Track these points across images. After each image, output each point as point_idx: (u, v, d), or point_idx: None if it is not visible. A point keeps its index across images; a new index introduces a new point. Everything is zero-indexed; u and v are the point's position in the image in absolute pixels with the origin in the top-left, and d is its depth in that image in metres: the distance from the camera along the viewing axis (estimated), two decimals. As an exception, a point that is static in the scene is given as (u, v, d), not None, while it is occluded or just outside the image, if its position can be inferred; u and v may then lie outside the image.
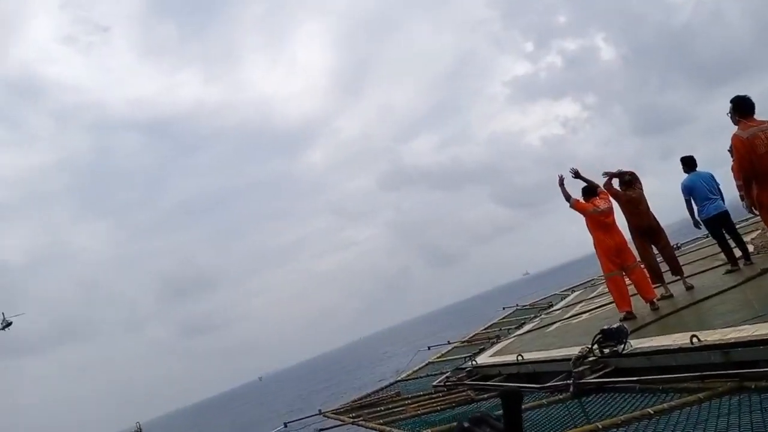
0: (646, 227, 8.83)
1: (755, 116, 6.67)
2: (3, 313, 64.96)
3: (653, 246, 8.96)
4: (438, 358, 11.63)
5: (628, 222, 8.85)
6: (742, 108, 6.73)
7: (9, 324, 63.91)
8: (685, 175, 8.92)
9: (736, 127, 6.72)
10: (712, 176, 8.93)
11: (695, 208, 8.86)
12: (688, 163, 8.91)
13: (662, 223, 8.94)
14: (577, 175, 8.59)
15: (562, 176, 8.43)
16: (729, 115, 6.87)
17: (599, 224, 8.25)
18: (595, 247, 8.41)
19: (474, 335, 13.34)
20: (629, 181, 8.93)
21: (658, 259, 8.99)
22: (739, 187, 8.59)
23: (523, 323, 13.40)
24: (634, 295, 8.26)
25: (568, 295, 16.26)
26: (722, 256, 8.99)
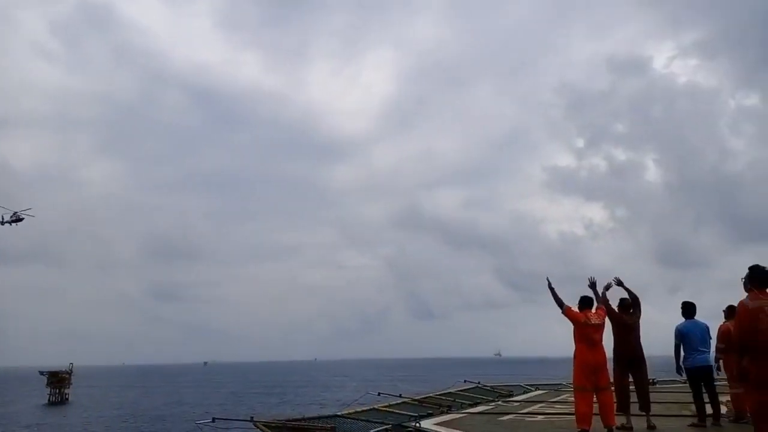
0: (631, 356, 8.69)
1: None
2: (15, 213, 65.60)
3: (630, 375, 8.80)
4: (384, 407, 11.37)
5: (615, 345, 8.71)
6: (758, 279, 6.59)
7: (20, 219, 64.33)
8: (683, 320, 8.78)
9: (746, 294, 6.59)
10: (708, 329, 8.78)
11: (682, 354, 8.71)
12: (688, 310, 8.78)
13: (649, 354, 8.79)
14: (592, 286, 8.59)
15: (549, 280, 8.32)
16: (743, 280, 6.76)
17: (585, 337, 8.10)
18: (574, 357, 8.24)
19: (427, 397, 13.07)
20: (628, 305, 8.85)
21: (630, 389, 8.81)
22: (718, 349, 8.70)
23: (479, 403, 13.13)
24: (596, 414, 8.06)
25: (532, 390, 15.97)
26: (694, 407, 8.80)
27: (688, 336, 8.58)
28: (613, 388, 8.53)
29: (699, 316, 8.82)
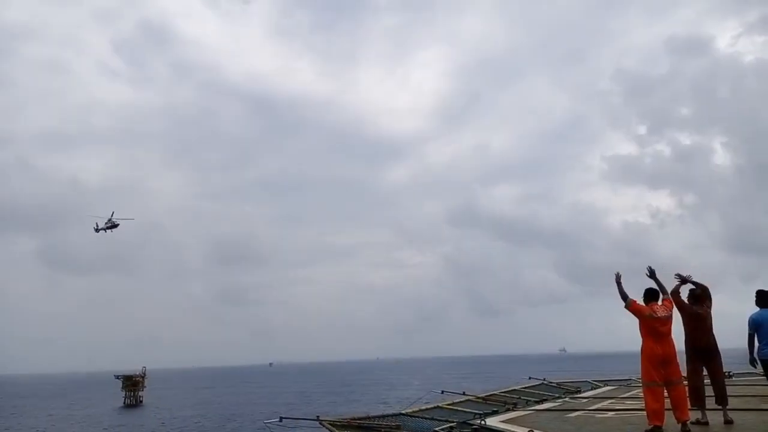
0: (704, 347, 8.33)
1: None
2: (113, 213, 66.01)
3: (705, 368, 8.45)
4: (448, 405, 11.35)
5: (686, 337, 8.36)
6: None
7: (115, 226, 64.80)
8: (756, 309, 8.39)
9: None
10: None
11: (756, 344, 8.31)
12: (763, 298, 8.37)
13: (723, 347, 8.42)
14: (652, 275, 8.31)
15: (618, 274, 8.14)
16: None
17: (652, 331, 7.86)
18: (642, 352, 8.01)
19: (491, 395, 12.96)
20: (699, 295, 8.50)
21: (705, 382, 8.47)
22: None
23: (545, 399, 12.93)
24: (669, 410, 7.80)
25: (600, 386, 15.58)
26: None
27: (763, 324, 8.19)
28: (686, 382, 8.24)
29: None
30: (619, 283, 8.14)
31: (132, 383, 64.15)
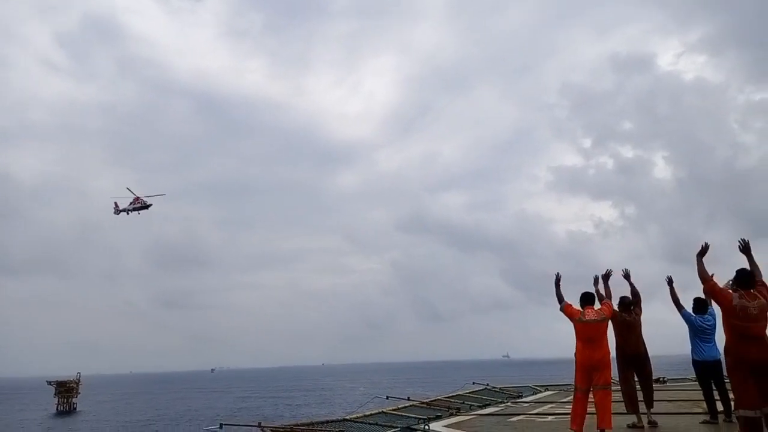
0: (633, 354, 8.66)
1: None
2: (138, 198, 58.83)
3: (636, 374, 8.75)
4: (393, 410, 11.30)
5: (617, 344, 8.61)
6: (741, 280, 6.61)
7: (146, 207, 57.86)
8: (695, 315, 8.72)
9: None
10: (715, 325, 8.71)
11: (692, 347, 8.66)
12: (701, 306, 8.70)
13: (659, 354, 8.72)
14: (606, 278, 8.50)
15: (558, 275, 8.19)
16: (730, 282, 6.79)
17: (582, 335, 7.90)
18: (575, 356, 8.06)
19: (435, 399, 12.99)
20: (628, 304, 8.80)
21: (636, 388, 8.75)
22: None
23: (488, 404, 13.05)
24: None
25: (541, 391, 15.87)
26: (705, 405, 8.72)
27: (700, 329, 8.54)
28: (618, 388, 8.45)
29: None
30: (557, 285, 8.17)
31: (65, 389, 61.39)
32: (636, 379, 8.79)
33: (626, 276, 8.87)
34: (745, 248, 6.88)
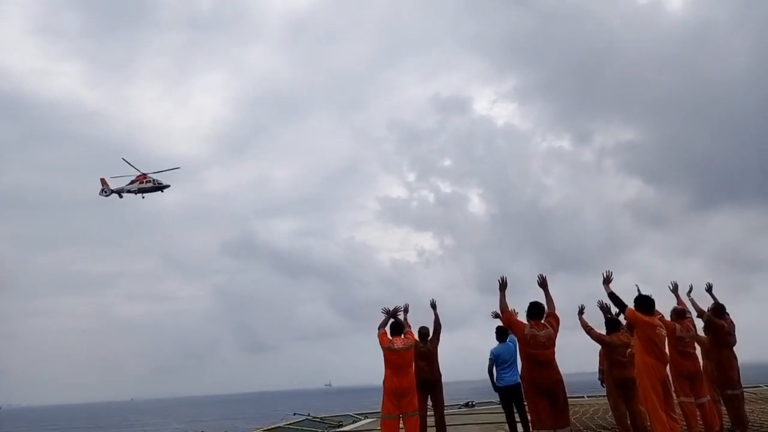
0: (426, 380, 9.18)
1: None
2: (147, 178, 46.63)
3: (429, 398, 9.33)
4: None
5: (414, 371, 8.93)
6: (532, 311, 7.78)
7: (159, 188, 46.68)
8: (497, 343, 9.37)
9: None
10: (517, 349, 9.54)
11: (495, 375, 9.27)
12: (502, 334, 9.38)
13: (469, 379, 9.33)
14: (391, 313, 8.80)
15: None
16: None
17: (390, 363, 8.24)
18: (383, 383, 8.35)
19: (253, 433, 12.49)
20: (425, 334, 9.38)
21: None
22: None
23: (308, 435, 12.84)
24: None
25: (361, 419, 16.05)
26: (507, 427, 9.40)
27: (502, 356, 9.19)
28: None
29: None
30: (395, 315, 8.70)
31: None
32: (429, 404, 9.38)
33: (432, 306, 9.39)
34: (542, 283, 7.99)
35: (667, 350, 7.64)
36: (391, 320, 8.69)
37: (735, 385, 8.68)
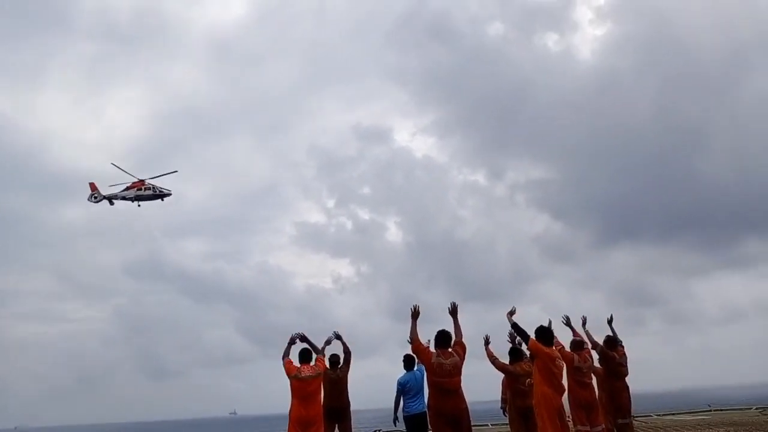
0: (335, 408, 9.17)
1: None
2: (146, 185, 41.65)
3: (336, 429, 9.30)
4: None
5: (323, 399, 8.83)
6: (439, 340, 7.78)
7: (160, 195, 41.56)
8: (404, 372, 9.35)
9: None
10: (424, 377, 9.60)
11: (402, 404, 9.21)
12: (409, 363, 9.38)
13: (380, 407, 9.26)
14: (303, 339, 8.75)
15: (295, 335, 8.52)
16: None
17: (297, 391, 8.10)
18: (289, 413, 8.17)
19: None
20: (336, 362, 9.43)
21: None
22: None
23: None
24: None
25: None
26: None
27: (409, 385, 9.18)
28: None
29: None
30: (304, 340, 8.66)
31: None
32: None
33: (338, 337, 9.35)
34: (452, 311, 8.02)
35: (565, 380, 7.93)
36: (301, 347, 8.55)
37: (626, 415, 9.14)
